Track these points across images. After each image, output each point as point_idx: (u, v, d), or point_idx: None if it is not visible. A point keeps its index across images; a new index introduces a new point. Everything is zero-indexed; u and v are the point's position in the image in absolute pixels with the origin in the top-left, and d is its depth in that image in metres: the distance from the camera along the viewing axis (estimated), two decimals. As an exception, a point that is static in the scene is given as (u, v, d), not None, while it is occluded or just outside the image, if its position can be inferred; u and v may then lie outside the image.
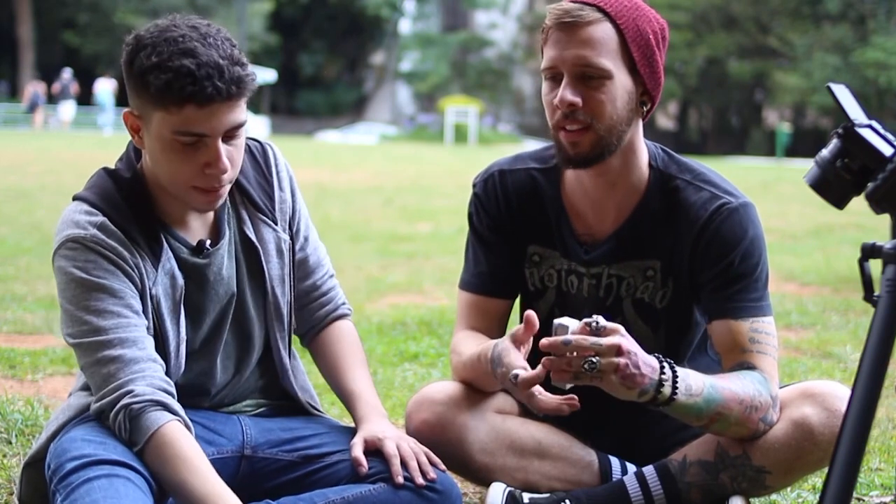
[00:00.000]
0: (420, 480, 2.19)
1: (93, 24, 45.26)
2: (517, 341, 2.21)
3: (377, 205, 13.17)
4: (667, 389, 2.14)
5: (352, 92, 53.69)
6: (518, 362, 2.17)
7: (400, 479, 2.18)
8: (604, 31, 2.23)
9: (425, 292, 6.65)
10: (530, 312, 2.18)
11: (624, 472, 2.45)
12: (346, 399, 2.39)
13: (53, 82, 37.59)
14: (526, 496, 2.36)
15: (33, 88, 36.62)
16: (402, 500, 2.18)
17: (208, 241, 2.24)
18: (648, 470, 2.40)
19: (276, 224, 2.34)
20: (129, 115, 2.13)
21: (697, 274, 2.37)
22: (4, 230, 9.18)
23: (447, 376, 3.89)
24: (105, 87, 36.21)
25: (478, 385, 2.43)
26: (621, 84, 2.25)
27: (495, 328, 2.52)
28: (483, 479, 2.44)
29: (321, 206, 12.31)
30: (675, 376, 2.16)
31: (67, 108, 35.66)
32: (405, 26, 54.49)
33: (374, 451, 2.24)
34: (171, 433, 2.03)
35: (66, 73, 35.47)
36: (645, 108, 2.33)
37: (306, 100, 51.78)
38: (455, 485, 2.26)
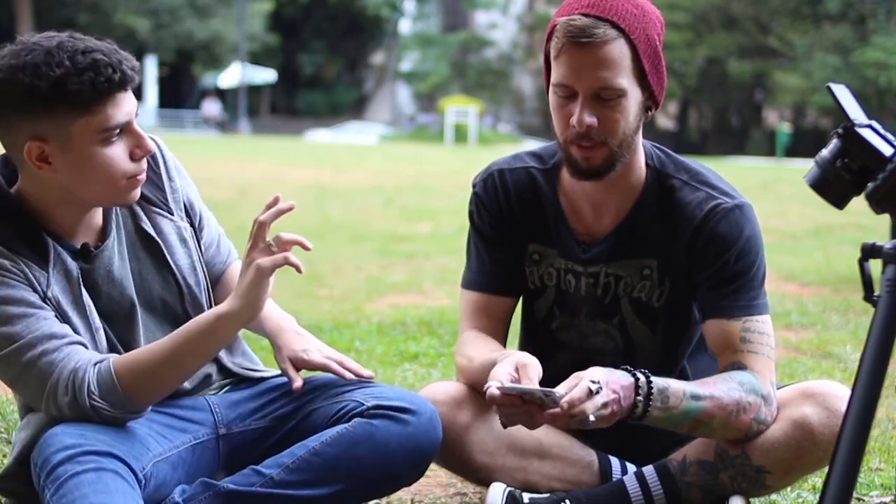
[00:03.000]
0: (367, 372, 2.31)
1: (93, 24, 45.19)
2: (519, 368, 2.18)
3: (377, 205, 13.16)
4: (639, 409, 2.18)
5: (352, 92, 53.62)
6: (498, 375, 2.15)
7: (349, 375, 2.29)
8: (620, 50, 2.21)
9: (425, 292, 6.65)
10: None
11: (624, 472, 2.45)
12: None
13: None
14: (526, 496, 2.36)
15: None
16: (379, 428, 2.20)
17: (93, 245, 2.21)
18: (648, 470, 2.40)
19: (173, 214, 2.32)
20: (34, 148, 2.06)
21: (694, 273, 2.37)
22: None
23: (447, 376, 3.90)
24: None
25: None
26: (634, 98, 2.25)
27: (500, 327, 2.51)
28: (483, 479, 2.44)
29: (321, 206, 12.31)
30: (649, 392, 2.18)
31: None
32: (405, 26, 54.41)
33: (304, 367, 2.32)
34: (117, 369, 2.08)
35: None
36: (650, 113, 2.33)
37: (306, 100, 51.73)
38: (427, 402, 2.28)
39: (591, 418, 2.09)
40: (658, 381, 2.20)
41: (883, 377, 1.56)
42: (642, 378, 2.18)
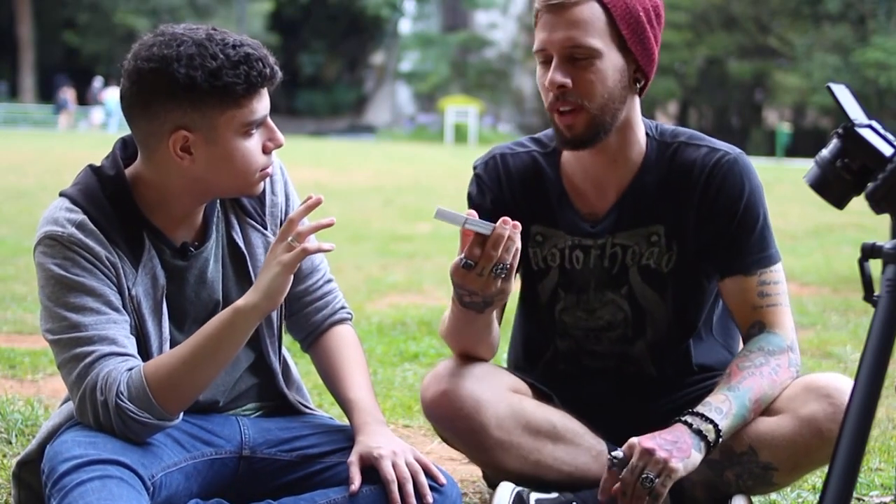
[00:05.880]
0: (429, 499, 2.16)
1: (93, 24, 45.22)
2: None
3: (377, 205, 13.18)
4: (708, 428, 2.22)
5: (352, 92, 53.62)
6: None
7: None
8: (591, 11, 2.28)
9: (425, 292, 6.66)
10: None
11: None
12: (345, 407, 2.36)
13: (54, 83, 39.19)
14: (533, 497, 2.35)
15: (62, 94, 39.02)
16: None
17: (194, 244, 2.22)
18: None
19: (266, 228, 2.31)
20: (179, 138, 2.06)
21: (704, 230, 2.41)
22: (4, 230, 9.18)
23: (447, 376, 3.87)
24: (113, 95, 39.21)
25: (465, 342, 2.43)
26: (611, 62, 2.30)
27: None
28: (494, 458, 2.40)
29: (321, 206, 12.30)
30: (702, 415, 2.23)
31: (97, 114, 38.91)
32: (405, 26, 54.42)
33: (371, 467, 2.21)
34: (146, 370, 2.07)
35: (97, 82, 38.14)
36: (639, 85, 2.37)
37: (306, 100, 51.73)
38: (455, 484, 2.26)
39: (651, 476, 2.17)
40: (698, 409, 2.26)
41: (883, 377, 1.57)
42: (687, 415, 2.24)
